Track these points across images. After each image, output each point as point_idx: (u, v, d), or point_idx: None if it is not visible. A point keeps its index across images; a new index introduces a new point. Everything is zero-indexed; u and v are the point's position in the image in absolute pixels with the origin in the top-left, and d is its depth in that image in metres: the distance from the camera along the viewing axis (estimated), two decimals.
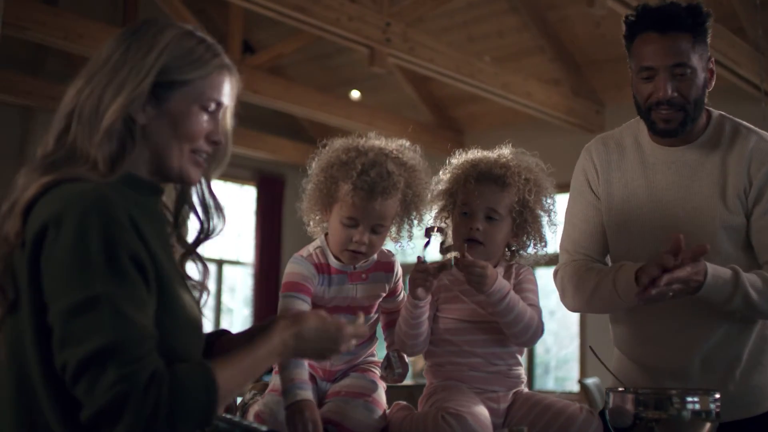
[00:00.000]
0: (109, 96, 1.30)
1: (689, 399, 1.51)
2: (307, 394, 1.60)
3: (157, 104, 1.33)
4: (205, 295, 1.47)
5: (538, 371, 8.94)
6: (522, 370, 1.83)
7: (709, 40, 1.94)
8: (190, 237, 1.48)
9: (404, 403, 1.77)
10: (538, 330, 1.76)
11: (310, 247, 1.80)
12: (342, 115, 8.31)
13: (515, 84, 7.18)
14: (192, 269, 1.55)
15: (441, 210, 1.85)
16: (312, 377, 1.77)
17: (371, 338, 1.85)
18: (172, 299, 1.30)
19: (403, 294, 1.89)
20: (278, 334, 1.31)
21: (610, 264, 2.07)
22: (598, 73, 7.50)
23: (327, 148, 1.78)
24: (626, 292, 1.82)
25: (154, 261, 1.27)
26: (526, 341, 1.77)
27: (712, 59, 1.96)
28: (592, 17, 6.56)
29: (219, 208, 1.47)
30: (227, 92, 1.40)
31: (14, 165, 1.34)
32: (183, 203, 1.46)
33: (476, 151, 1.91)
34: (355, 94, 9.00)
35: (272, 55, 7.99)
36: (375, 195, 1.67)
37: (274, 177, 9.88)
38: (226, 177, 9.40)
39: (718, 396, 1.53)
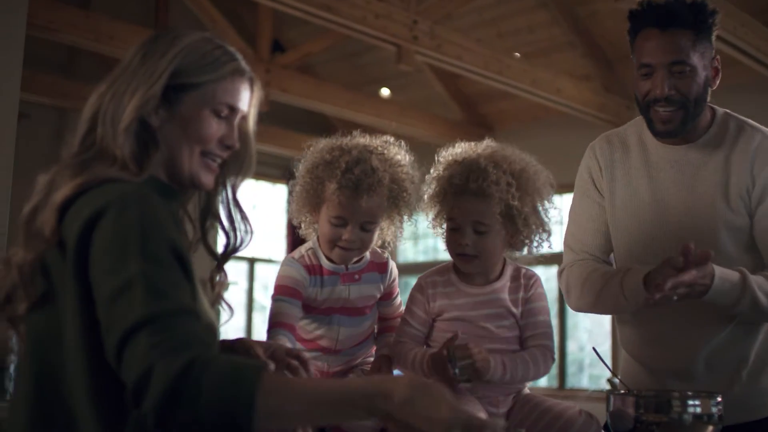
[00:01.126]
0: (126, 98, 1.33)
1: (690, 402, 1.48)
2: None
3: (170, 107, 1.36)
4: (227, 309, 1.47)
5: (572, 369, 8.85)
6: None
7: (714, 37, 1.90)
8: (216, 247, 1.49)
9: None
10: (545, 371, 1.71)
11: (303, 249, 1.80)
12: (371, 113, 8.31)
13: (545, 80, 7.12)
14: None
15: (436, 216, 1.78)
16: None
17: (369, 339, 1.85)
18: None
19: (399, 299, 1.88)
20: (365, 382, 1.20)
21: (614, 262, 2.05)
22: (629, 68, 7.35)
23: (312, 148, 1.77)
24: (634, 297, 1.79)
25: None
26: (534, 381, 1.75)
27: (717, 57, 1.92)
28: (622, 12, 6.49)
29: (246, 220, 1.47)
30: (243, 98, 1.40)
31: (50, 165, 1.38)
32: (208, 213, 1.47)
33: (462, 144, 1.80)
34: (385, 91, 8.99)
35: (301, 54, 8.02)
36: (360, 192, 1.66)
37: None
38: (257, 175, 9.46)
39: (720, 399, 1.51)
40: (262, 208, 9.78)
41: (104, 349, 1.18)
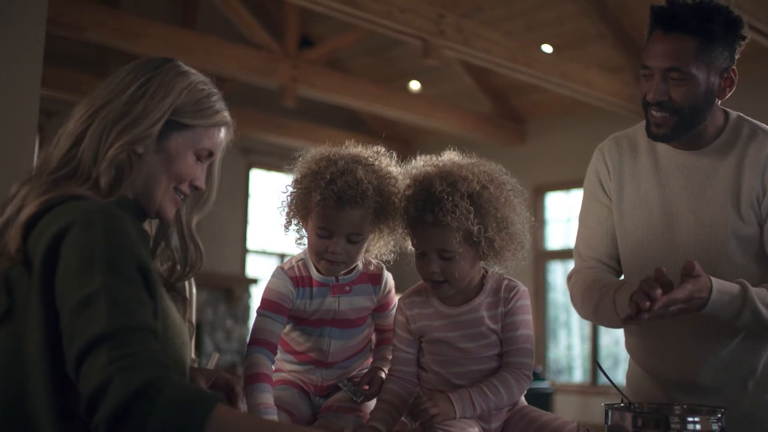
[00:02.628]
0: (119, 128, 1.36)
1: (690, 419, 1.43)
2: (274, 419, 1.58)
3: (158, 139, 1.40)
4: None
5: (607, 363, 8.73)
6: None
7: (738, 47, 1.79)
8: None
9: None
10: (520, 392, 1.64)
11: (294, 259, 1.77)
12: (400, 107, 8.28)
13: (575, 72, 7.03)
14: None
15: (407, 236, 1.70)
16: (305, 392, 1.75)
17: (363, 351, 1.81)
18: (166, 313, 1.34)
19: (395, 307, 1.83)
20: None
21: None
22: None
23: (301, 158, 1.73)
24: (625, 313, 1.74)
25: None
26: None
27: (733, 69, 1.81)
28: (653, 2, 6.36)
29: (198, 251, 1.53)
30: (220, 145, 1.49)
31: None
32: (161, 239, 1.51)
33: (424, 157, 1.70)
34: (415, 85, 8.95)
35: (329, 48, 8.01)
36: (343, 204, 1.62)
37: None
38: (287, 170, 9.52)
39: (721, 415, 1.45)
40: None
41: (65, 362, 1.19)
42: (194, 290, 2.43)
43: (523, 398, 1.70)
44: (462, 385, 1.62)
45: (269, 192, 9.19)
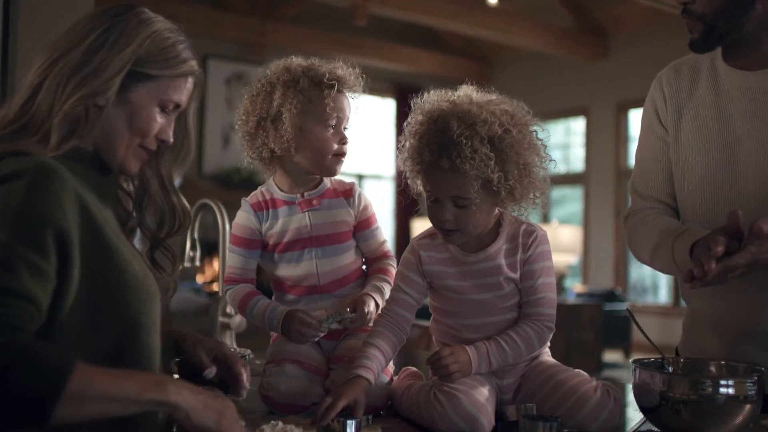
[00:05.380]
0: (76, 80, 1.29)
1: (723, 382, 1.31)
2: (286, 308, 1.64)
3: (121, 90, 1.33)
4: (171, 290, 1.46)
5: None
6: None
7: None
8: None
9: (413, 369, 1.64)
10: (540, 344, 1.54)
11: (258, 189, 1.74)
12: (476, 23, 8.03)
13: None
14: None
15: (414, 177, 1.57)
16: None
17: (357, 280, 1.73)
18: (120, 270, 1.28)
19: (381, 232, 1.75)
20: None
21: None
22: None
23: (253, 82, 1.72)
24: (683, 264, 1.60)
25: (97, 234, 1.26)
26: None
27: None
28: None
29: (182, 206, 1.48)
30: (188, 96, 1.42)
31: None
32: (143, 194, 1.46)
33: (435, 95, 1.56)
34: None
35: None
36: (325, 89, 1.64)
37: (413, 89, 9.70)
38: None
39: (758, 377, 1.32)
40: (371, 123, 9.72)
41: None
42: (227, 221, 2.38)
43: (548, 350, 1.60)
44: (475, 338, 1.52)
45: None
